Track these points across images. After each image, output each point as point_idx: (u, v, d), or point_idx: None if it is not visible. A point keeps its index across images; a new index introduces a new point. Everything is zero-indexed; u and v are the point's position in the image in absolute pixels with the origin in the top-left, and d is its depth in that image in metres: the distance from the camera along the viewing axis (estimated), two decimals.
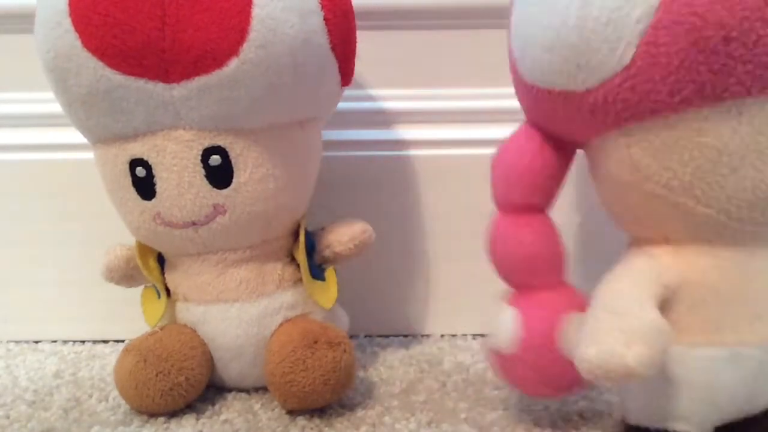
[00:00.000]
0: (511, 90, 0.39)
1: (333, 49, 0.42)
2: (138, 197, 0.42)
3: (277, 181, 0.42)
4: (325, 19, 0.41)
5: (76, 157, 0.53)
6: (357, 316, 0.52)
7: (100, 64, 0.38)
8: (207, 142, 0.40)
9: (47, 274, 0.55)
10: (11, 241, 0.55)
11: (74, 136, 0.45)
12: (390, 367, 0.50)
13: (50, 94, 0.42)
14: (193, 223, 0.42)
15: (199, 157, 0.40)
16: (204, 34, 0.37)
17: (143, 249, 0.45)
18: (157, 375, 0.42)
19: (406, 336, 0.56)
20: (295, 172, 0.44)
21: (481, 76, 0.53)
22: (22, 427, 0.42)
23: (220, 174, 0.41)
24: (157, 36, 0.37)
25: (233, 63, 0.38)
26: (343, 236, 0.46)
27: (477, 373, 0.49)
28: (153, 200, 0.42)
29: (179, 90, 0.38)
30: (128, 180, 0.42)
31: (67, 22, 0.38)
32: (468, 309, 0.56)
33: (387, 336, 0.56)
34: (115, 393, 0.45)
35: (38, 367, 0.51)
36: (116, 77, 0.38)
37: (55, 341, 0.56)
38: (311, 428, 0.41)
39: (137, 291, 0.48)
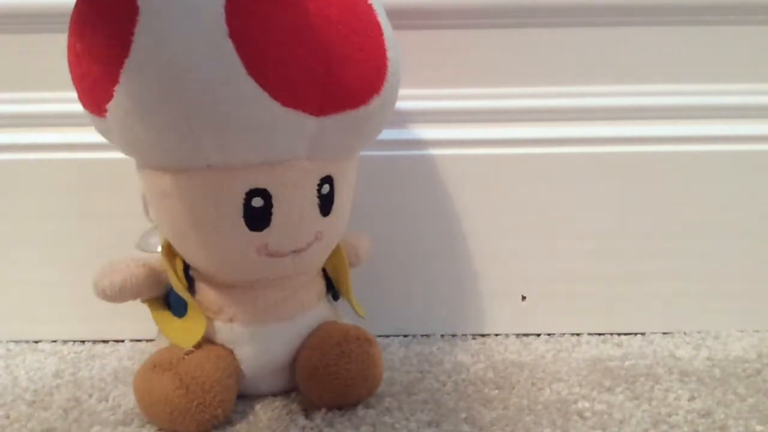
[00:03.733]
0: (512, 90, 0.39)
1: None
2: (245, 228, 0.39)
3: (351, 203, 0.44)
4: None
5: (76, 157, 0.53)
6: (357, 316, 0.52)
7: (265, 94, 0.35)
8: (323, 172, 0.40)
9: (47, 274, 0.55)
10: (11, 241, 0.55)
11: (75, 136, 0.45)
12: (390, 367, 0.50)
13: (50, 94, 0.41)
14: (295, 251, 0.41)
15: (316, 187, 0.40)
16: (360, 72, 0.37)
17: (175, 265, 0.43)
18: (197, 406, 0.40)
19: (406, 336, 0.56)
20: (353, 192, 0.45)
21: (482, 76, 0.53)
22: (22, 427, 0.42)
23: (327, 202, 0.41)
24: (321, 71, 0.36)
25: (375, 101, 0.39)
26: (351, 249, 0.48)
27: (477, 373, 0.49)
28: (264, 231, 0.40)
29: (326, 123, 0.38)
30: (236, 210, 0.39)
31: (228, 45, 0.34)
32: (468, 309, 0.56)
33: (387, 336, 0.56)
34: (115, 393, 0.45)
35: (38, 367, 0.51)
36: (275, 107, 0.36)
37: (55, 341, 0.56)
38: (311, 428, 0.41)
39: None
